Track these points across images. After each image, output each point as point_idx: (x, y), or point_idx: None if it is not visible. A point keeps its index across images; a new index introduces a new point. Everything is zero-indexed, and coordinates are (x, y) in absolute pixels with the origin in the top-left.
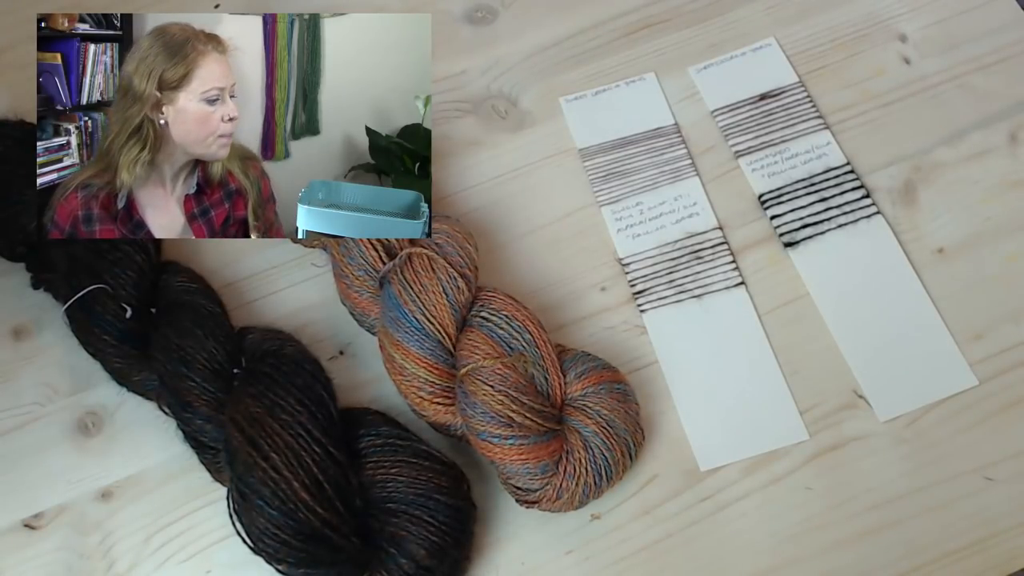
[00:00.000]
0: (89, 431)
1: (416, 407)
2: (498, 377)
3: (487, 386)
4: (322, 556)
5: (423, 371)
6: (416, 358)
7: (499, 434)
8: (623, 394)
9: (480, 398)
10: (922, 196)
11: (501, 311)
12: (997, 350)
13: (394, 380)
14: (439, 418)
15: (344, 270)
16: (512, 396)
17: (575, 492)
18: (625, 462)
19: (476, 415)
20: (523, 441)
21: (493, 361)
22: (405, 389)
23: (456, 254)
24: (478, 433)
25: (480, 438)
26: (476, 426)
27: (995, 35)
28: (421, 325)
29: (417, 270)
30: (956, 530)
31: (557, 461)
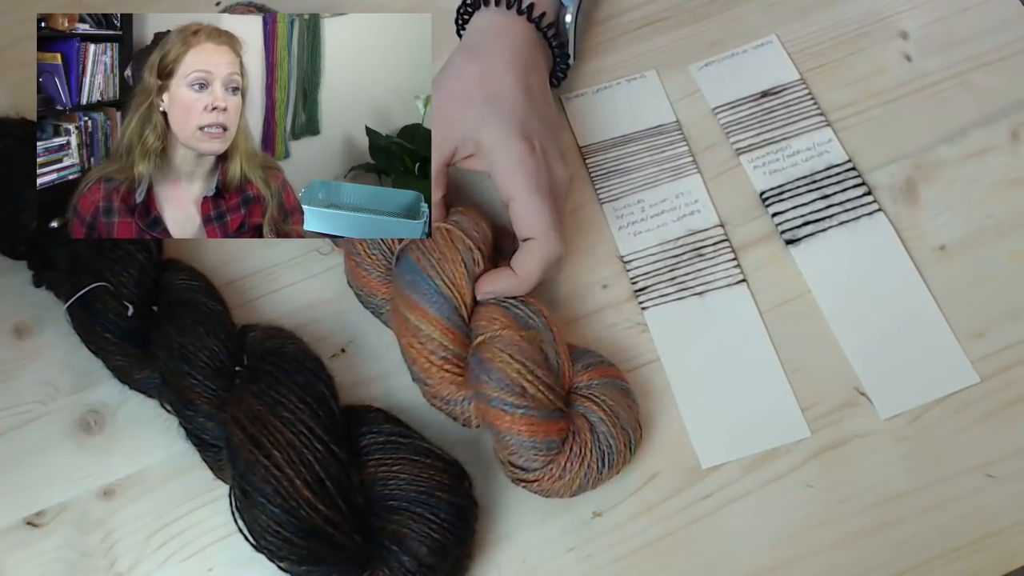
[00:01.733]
0: (91, 429)
1: (423, 374)
2: (516, 347)
3: (504, 354)
4: (324, 554)
5: (438, 333)
6: (433, 319)
7: (512, 402)
8: (625, 391)
9: (497, 365)
10: (923, 194)
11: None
12: (998, 348)
13: (404, 345)
14: (442, 388)
15: (357, 247)
16: (528, 367)
17: (577, 474)
18: (626, 454)
19: (491, 382)
20: (534, 413)
21: (512, 332)
22: (416, 353)
23: (473, 230)
24: (490, 400)
25: (491, 404)
26: (489, 393)
27: (996, 33)
28: (439, 289)
29: (437, 240)
30: (957, 528)
31: (563, 440)
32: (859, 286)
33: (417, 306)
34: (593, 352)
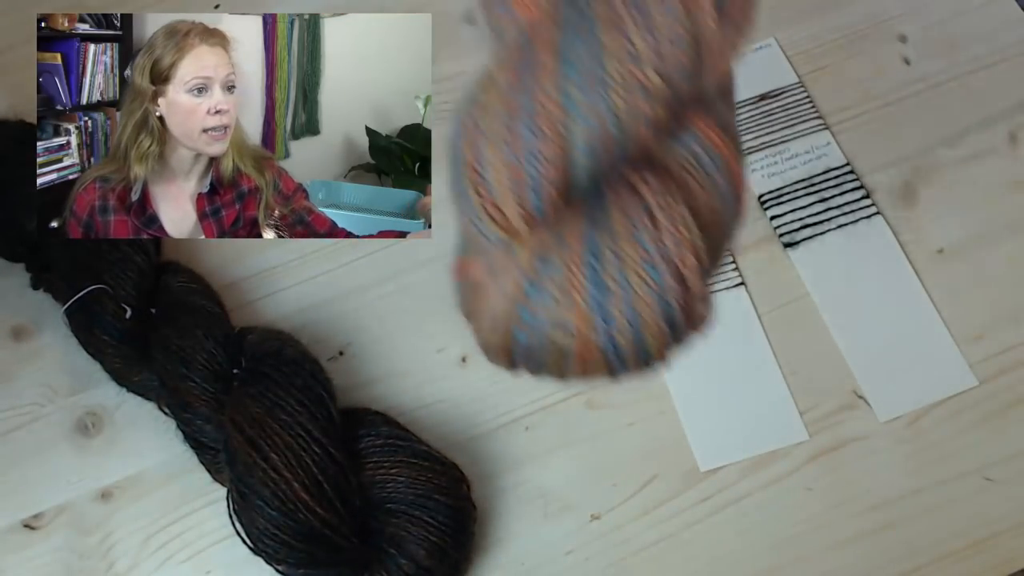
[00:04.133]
0: (89, 431)
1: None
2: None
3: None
4: (322, 556)
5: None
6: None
7: None
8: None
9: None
10: (922, 196)
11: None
12: (997, 350)
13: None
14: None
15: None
16: None
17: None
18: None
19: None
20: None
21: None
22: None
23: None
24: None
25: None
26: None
27: (995, 36)
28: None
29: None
30: (956, 530)
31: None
32: (858, 289)
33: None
34: None
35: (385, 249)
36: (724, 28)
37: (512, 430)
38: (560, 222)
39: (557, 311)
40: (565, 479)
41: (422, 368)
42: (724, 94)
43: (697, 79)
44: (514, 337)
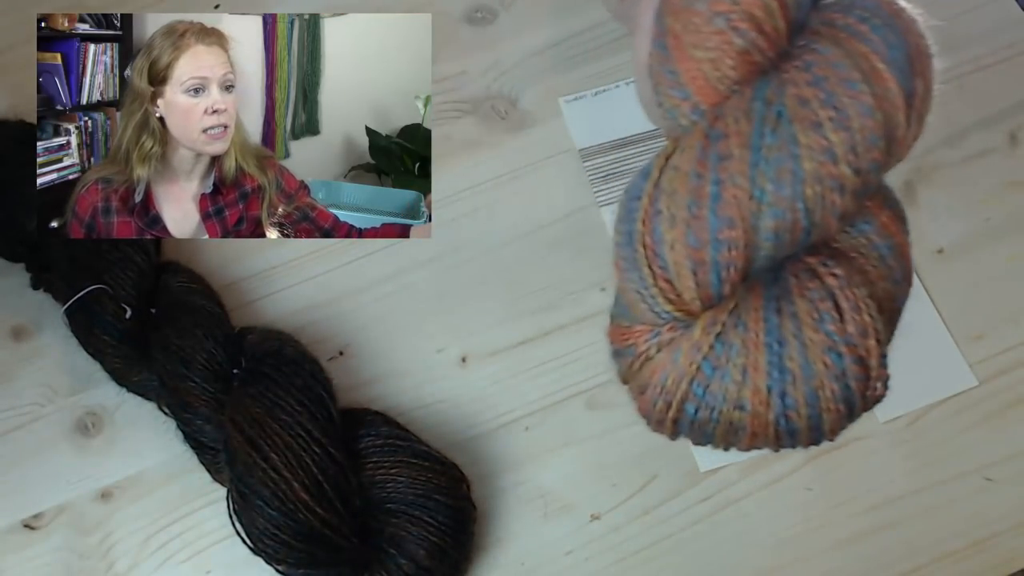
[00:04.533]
0: (89, 431)
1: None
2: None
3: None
4: (322, 557)
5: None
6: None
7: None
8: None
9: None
10: (922, 196)
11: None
12: (997, 351)
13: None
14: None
15: (693, 18)
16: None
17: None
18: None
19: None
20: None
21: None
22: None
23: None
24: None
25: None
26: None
27: (995, 35)
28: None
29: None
30: (956, 530)
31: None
32: None
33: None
34: None
35: (385, 249)
36: (912, 122)
37: (512, 430)
38: (738, 305)
39: (734, 390)
40: (565, 479)
41: (422, 368)
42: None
43: (884, 171)
44: (684, 411)
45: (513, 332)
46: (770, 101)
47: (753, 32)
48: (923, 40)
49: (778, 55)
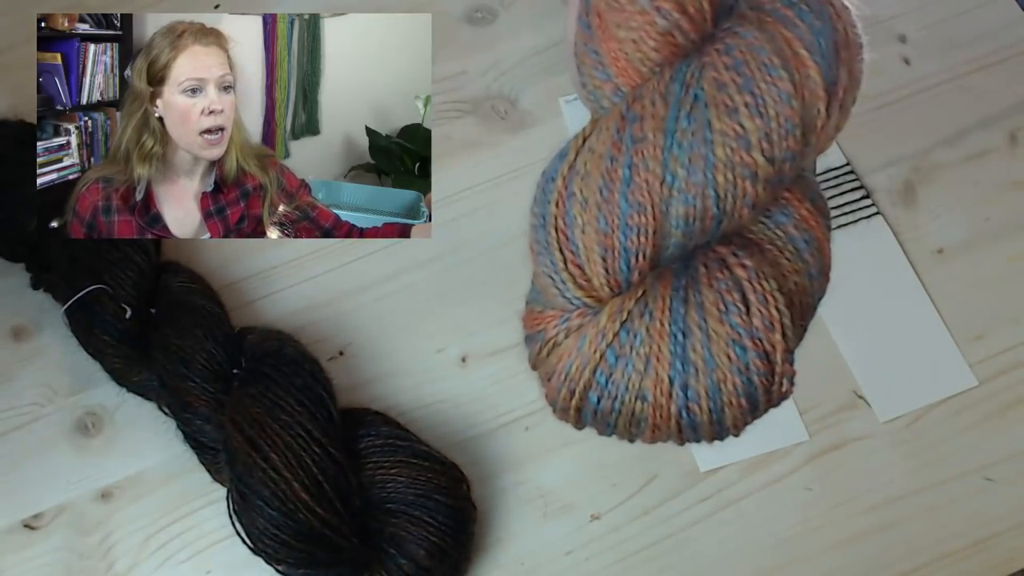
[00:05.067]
0: (89, 431)
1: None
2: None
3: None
4: (322, 557)
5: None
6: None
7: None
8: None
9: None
10: (922, 196)
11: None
12: (997, 350)
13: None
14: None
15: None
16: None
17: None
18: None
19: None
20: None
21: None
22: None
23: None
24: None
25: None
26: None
27: (995, 35)
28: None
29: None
30: (956, 530)
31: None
32: (857, 289)
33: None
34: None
35: (385, 249)
36: (832, 112)
37: (512, 430)
38: (646, 292)
39: (636, 379)
40: (565, 479)
41: (422, 368)
42: (813, 166)
43: (802, 160)
44: (587, 399)
45: (513, 332)
46: (688, 84)
47: (676, 13)
48: (853, 29)
49: (702, 37)
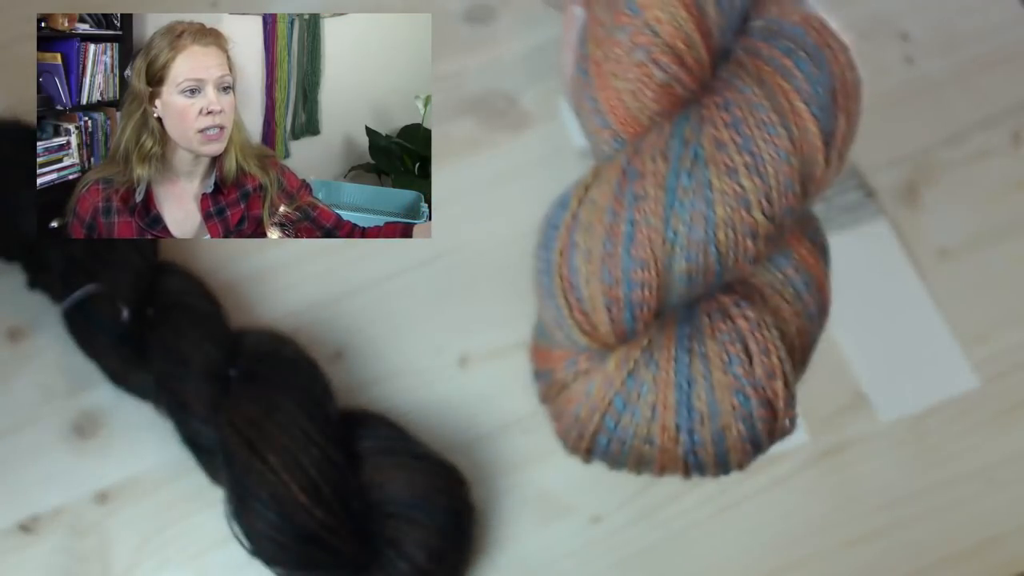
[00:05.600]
0: (85, 433)
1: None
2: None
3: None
4: (320, 559)
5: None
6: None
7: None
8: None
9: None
10: (924, 196)
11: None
12: (1000, 351)
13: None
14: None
15: (614, 48)
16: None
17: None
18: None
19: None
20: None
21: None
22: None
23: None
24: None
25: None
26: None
27: (998, 34)
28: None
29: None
30: (959, 532)
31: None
32: (860, 290)
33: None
34: None
35: (385, 249)
36: (831, 160)
37: (512, 432)
38: (651, 342)
39: (643, 426)
40: (565, 481)
41: (422, 369)
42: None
43: (801, 210)
44: (596, 441)
45: (513, 333)
46: (688, 141)
47: (674, 66)
48: (850, 71)
49: (700, 87)
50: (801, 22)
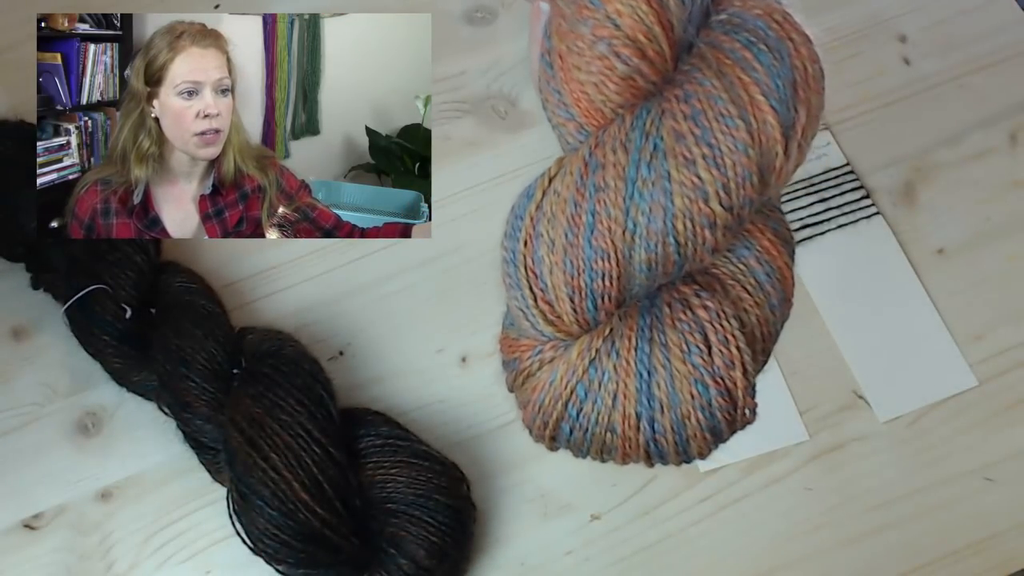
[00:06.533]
0: (88, 431)
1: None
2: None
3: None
4: (321, 557)
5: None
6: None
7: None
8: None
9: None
10: (922, 196)
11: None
12: (997, 351)
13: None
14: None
15: (577, 41)
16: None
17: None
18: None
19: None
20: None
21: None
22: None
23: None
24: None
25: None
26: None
27: (995, 35)
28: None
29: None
30: (956, 531)
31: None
32: (858, 289)
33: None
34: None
35: (385, 249)
36: (791, 152)
37: (512, 430)
38: (613, 331)
39: (605, 414)
40: (565, 479)
41: (422, 368)
42: (778, 196)
43: (760, 201)
44: (560, 429)
45: None
46: (648, 133)
47: (636, 58)
48: (812, 63)
49: (662, 79)
50: (763, 15)
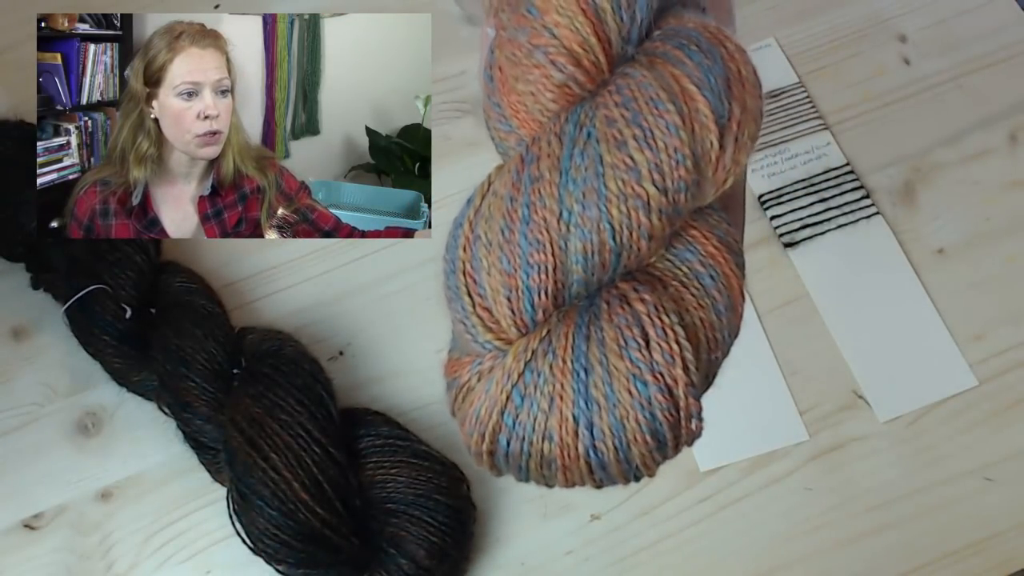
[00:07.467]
0: (89, 431)
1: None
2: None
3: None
4: (322, 557)
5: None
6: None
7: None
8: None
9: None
10: (922, 196)
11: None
12: (997, 351)
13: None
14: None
15: (515, 51)
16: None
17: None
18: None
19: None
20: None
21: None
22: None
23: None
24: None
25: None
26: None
27: (995, 35)
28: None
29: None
30: (956, 530)
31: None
32: (858, 289)
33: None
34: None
35: (385, 249)
36: (726, 144)
37: None
38: (551, 331)
39: (541, 420)
40: None
41: (422, 368)
42: (729, 206)
43: (697, 192)
44: (497, 442)
45: None
46: (582, 124)
47: (571, 66)
48: (746, 68)
49: (597, 86)
50: (697, 26)
